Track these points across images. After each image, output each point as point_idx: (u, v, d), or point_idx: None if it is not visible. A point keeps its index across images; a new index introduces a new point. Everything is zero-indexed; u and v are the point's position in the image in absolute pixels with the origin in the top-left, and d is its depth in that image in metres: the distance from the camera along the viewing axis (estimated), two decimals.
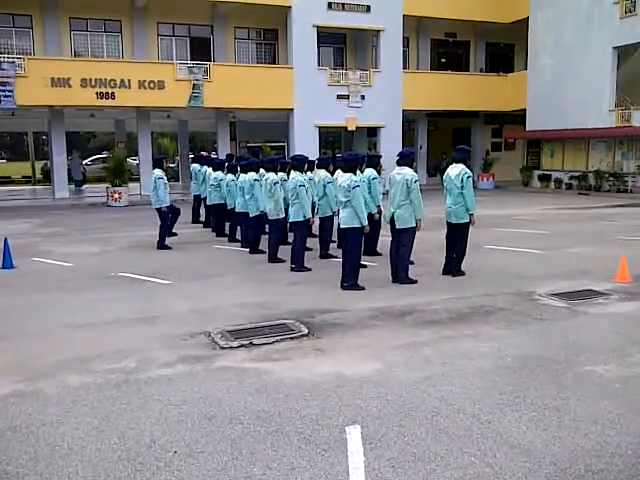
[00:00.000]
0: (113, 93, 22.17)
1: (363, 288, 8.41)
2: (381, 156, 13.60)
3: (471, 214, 8.96)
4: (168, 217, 12.35)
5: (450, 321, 6.81)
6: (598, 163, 25.71)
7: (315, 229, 11.54)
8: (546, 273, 9.31)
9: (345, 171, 8.59)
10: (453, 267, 9.21)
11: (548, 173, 27.62)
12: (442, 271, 9.29)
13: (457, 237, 9.13)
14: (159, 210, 12.18)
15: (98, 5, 22.97)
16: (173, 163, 38.14)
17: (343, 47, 28.31)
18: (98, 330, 6.63)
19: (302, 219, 9.95)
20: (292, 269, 9.78)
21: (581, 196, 24.16)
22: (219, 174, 13.82)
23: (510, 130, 30.66)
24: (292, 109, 24.90)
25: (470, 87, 28.24)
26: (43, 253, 11.67)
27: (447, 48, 30.97)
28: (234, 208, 12.47)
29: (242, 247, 12.07)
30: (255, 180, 11.39)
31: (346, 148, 29.01)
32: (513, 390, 4.80)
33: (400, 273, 8.77)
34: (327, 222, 10.93)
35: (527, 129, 28.67)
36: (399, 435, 4.08)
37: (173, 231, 12.81)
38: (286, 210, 10.65)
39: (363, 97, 25.78)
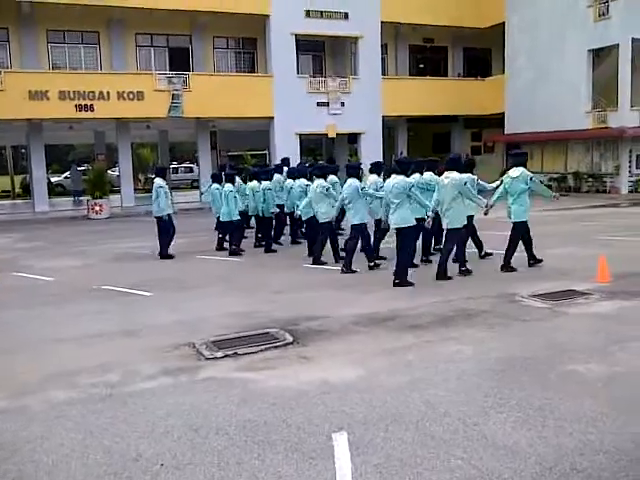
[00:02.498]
0: (92, 105, 22.06)
1: (412, 284, 8.92)
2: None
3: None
4: (172, 225, 12.38)
5: (433, 325, 6.85)
6: (577, 164, 26.01)
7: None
8: (528, 275, 9.40)
9: (398, 174, 9.14)
10: (529, 259, 9.90)
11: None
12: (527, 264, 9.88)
13: (515, 234, 9.70)
14: (160, 219, 12.20)
15: (75, 17, 22.83)
16: (154, 174, 37.90)
17: (322, 55, 28.41)
18: (81, 344, 6.58)
19: (358, 222, 10.23)
20: (342, 271, 10.09)
21: (561, 197, 24.37)
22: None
23: (489, 133, 30.90)
24: (272, 117, 24.92)
25: (449, 92, 28.45)
26: (24, 268, 11.57)
27: (425, 54, 31.18)
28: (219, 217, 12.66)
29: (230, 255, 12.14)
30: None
31: (327, 155, 29.08)
32: (497, 392, 4.84)
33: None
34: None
35: (506, 132, 28.93)
36: (385, 440, 4.09)
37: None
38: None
39: (343, 104, 25.86)
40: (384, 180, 10.81)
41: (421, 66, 30.98)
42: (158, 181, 12.43)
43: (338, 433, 4.18)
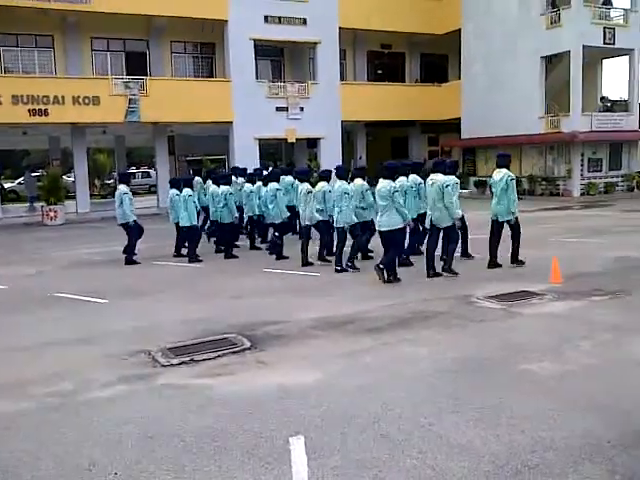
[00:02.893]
0: (46, 110, 21.66)
1: (399, 279, 9.35)
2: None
3: (513, 212, 9.98)
4: (137, 231, 12.23)
5: (391, 327, 6.90)
6: (531, 168, 26.58)
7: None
8: (483, 276, 9.56)
9: (385, 178, 9.37)
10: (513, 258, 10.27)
11: (484, 179, 28.33)
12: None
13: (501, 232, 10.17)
14: (125, 225, 12.07)
15: (29, 20, 22.39)
16: (110, 179, 37.45)
17: (281, 60, 28.45)
18: (35, 353, 6.44)
19: (342, 225, 10.41)
20: (337, 271, 10.37)
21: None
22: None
23: (446, 138, 31.39)
24: (231, 122, 24.83)
25: (406, 97, 28.79)
26: None
27: (383, 59, 31.51)
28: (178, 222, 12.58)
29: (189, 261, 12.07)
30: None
31: (287, 160, 29.10)
32: (452, 392, 4.90)
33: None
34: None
35: (462, 137, 29.43)
36: (342, 443, 4.11)
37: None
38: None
39: (302, 109, 25.93)
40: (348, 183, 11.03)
41: (379, 72, 31.29)
42: (122, 187, 12.29)
43: (295, 437, 4.18)
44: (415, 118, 29.89)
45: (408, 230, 10.07)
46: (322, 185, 11.21)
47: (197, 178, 15.45)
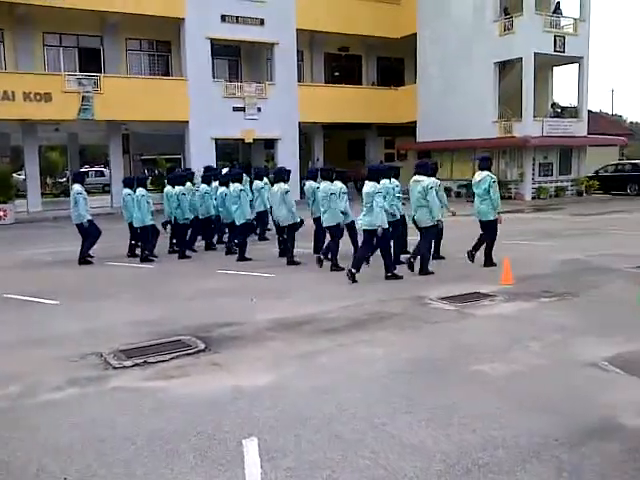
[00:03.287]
0: None
1: (401, 277, 9.61)
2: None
3: (498, 212, 10.42)
4: (93, 232, 12.02)
5: (346, 328, 6.95)
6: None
7: None
8: (437, 278, 9.69)
9: (370, 180, 9.58)
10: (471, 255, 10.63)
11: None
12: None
13: (486, 231, 10.54)
14: (80, 226, 11.87)
15: None
16: (63, 178, 36.66)
17: (238, 59, 28.32)
18: None
19: (335, 224, 10.44)
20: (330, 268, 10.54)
21: (469, 203, 25.24)
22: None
23: (402, 141, 31.72)
24: (187, 121, 24.61)
25: (363, 100, 29.00)
26: None
27: (340, 62, 31.67)
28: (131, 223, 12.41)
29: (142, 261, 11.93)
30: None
31: (244, 160, 28.96)
32: (406, 392, 4.97)
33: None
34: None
35: (418, 140, 29.80)
36: (296, 444, 4.12)
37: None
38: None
39: (259, 109, 25.88)
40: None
41: (336, 74, 31.45)
42: (76, 187, 12.06)
43: (248, 439, 4.17)
44: (371, 121, 30.13)
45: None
46: (280, 186, 11.40)
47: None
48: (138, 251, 12.54)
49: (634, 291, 8.01)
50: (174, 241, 13.21)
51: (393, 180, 11.08)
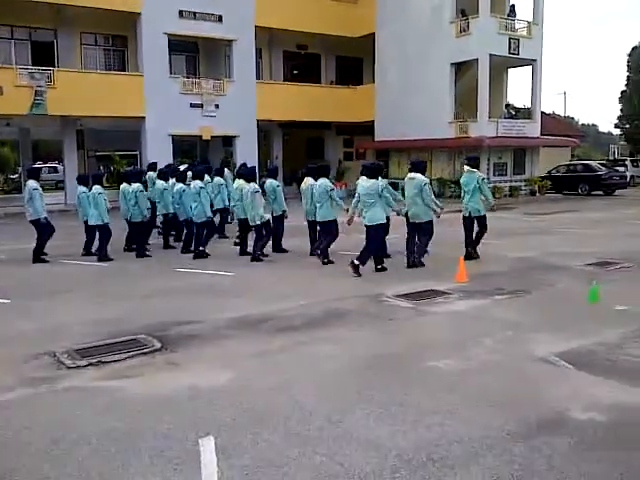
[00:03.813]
0: None
1: (385, 269, 10.08)
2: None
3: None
4: (48, 229, 11.76)
5: (305, 326, 6.98)
6: (440, 171, 27.45)
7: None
8: (393, 275, 9.80)
9: (370, 177, 10.02)
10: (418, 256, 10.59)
11: (396, 181, 28.95)
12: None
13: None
14: (36, 222, 11.61)
15: None
16: (15, 174, 35.76)
17: (196, 56, 28.06)
18: None
19: (332, 218, 10.91)
20: (324, 263, 10.80)
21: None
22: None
23: (361, 140, 31.89)
24: (143, 117, 24.25)
25: (321, 99, 29.06)
26: None
27: (299, 60, 31.65)
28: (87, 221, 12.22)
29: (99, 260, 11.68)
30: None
31: (201, 157, 28.69)
32: (362, 389, 5.02)
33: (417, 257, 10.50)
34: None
35: (376, 139, 30.01)
36: (253, 442, 4.12)
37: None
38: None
39: (217, 106, 25.67)
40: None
41: (295, 72, 31.43)
42: (31, 183, 11.77)
43: (205, 438, 4.16)
44: (330, 119, 30.20)
45: None
46: (240, 183, 11.75)
47: (150, 173, 15.23)
48: (95, 249, 12.31)
49: (584, 288, 8.24)
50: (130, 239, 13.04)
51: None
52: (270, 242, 12.10)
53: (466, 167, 11.54)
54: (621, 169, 34.31)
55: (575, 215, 19.80)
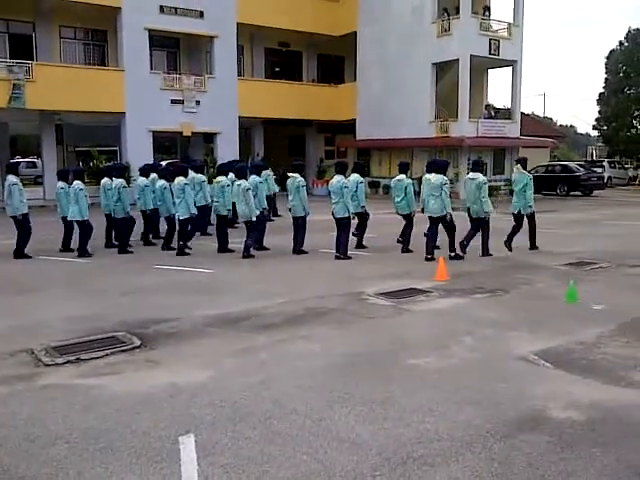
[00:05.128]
0: None
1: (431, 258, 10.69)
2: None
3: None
4: (28, 225, 11.59)
5: (285, 324, 6.96)
6: (421, 170, 27.43)
7: None
8: (374, 274, 9.83)
9: (434, 172, 11.11)
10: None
11: (377, 180, 29.10)
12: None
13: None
14: (15, 218, 11.45)
15: None
16: None
17: (177, 51, 27.88)
18: None
19: (347, 215, 11.26)
20: (337, 257, 11.15)
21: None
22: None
23: (342, 139, 31.94)
24: (124, 113, 24.05)
25: (303, 96, 29.04)
26: None
27: (281, 57, 31.59)
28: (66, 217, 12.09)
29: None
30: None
31: (182, 154, 28.53)
32: (343, 387, 5.02)
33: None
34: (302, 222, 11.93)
35: (357, 138, 30.06)
36: (233, 440, 4.10)
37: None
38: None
39: (198, 102, 25.55)
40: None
41: (277, 69, 31.35)
42: (11, 178, 11.59)
43: (185, 436, 4.13)
44: (311, 117, 30.18)
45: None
46: (221, 179, 12.11)
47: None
48: (75, 245, 12.18)
49: (563, 288, 8.33)
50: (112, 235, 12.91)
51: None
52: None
53: (516, 167, 12.47)
54: (599, 170, 34.78)
55: (554, 215, 19.97)
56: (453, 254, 11.05)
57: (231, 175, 12.62)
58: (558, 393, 4.93)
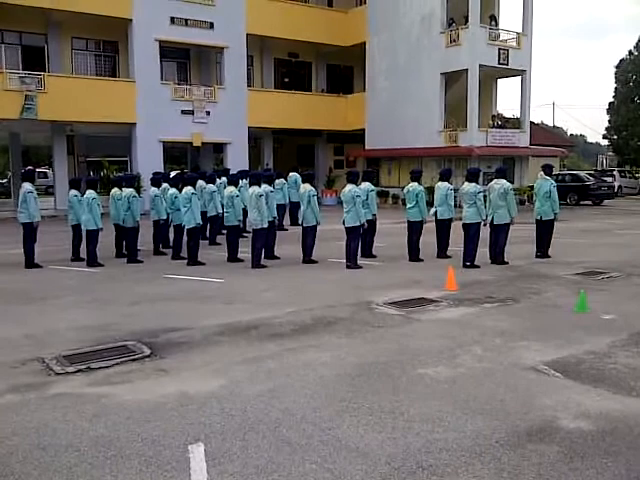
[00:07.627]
0: None
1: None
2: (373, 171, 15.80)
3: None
4: (36, 233, 11.67)
5: (295, 333, 6.97)
6: (430, 180, 27.48)
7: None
8: (383, 284, 9.83)
9: (470, 181, 11.45)
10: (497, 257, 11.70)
11: (386, 189, 29.11)
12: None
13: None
14: (27, 225, 11.50)
15: None
16: (4, 179, 35.60)
17: (187, 62, 28.09)
18: None
19: (358, 224, 11.28)
20: (348, 267, 11.23)
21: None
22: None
23: (351, 148, 31.99)
24: (134, 123, 24.23)
25: (312, 107, 29.16)
26: None
27: (290, 68, 31.75)
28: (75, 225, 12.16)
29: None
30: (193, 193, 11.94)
31: (192, 164, 28.69)
32: (352, 396, 5.02)
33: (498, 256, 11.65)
34: (312, 231, 12.02)
35: (366, 148, 30.11)
36: (242, 449, 4.11)
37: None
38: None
39: (208, 113, 25.71)
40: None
41: (286, 80, 31.51)
42: (27, 186, 11.68)
43: (195, 444, 4.15)
44: (321, 127, 30.30)
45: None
46: (231, 190, 12.13)
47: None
48: (84, 255, 12.25)
49: (572, 297, 8.29)
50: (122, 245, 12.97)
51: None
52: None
53: (540, 174, 12.73)
54: (609, 179, 34.64)
55: (564, 225, 19.86)
56: (469, 263, 11.20)
57: (241, 182, 12.75)
58: (568, 403, 4.91)
